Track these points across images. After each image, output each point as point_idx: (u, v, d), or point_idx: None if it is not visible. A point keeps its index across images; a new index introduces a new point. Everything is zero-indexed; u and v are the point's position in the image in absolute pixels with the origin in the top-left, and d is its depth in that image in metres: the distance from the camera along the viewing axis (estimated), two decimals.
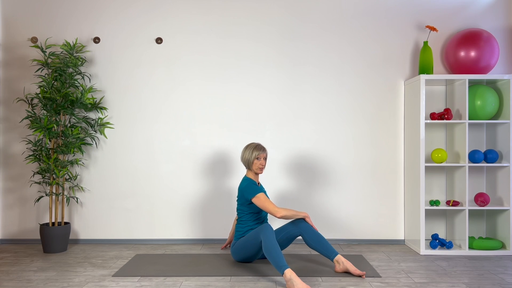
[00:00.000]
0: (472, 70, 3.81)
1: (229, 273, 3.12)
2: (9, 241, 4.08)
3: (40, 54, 4.07)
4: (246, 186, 3.30)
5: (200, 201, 4.07)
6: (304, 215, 3.25)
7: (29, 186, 4.07)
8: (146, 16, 4.08)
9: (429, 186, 4.04)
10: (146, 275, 3.08)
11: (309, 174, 4.06)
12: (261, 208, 3.25)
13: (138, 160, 4.07)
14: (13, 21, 4.08)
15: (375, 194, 4.06)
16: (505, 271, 3.20)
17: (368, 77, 4.07)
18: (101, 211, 4.08)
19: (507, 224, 3.71)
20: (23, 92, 4.07)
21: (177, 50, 4.07)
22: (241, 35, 4.07)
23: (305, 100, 4.06)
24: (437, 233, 3.95)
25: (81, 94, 3.78)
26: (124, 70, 4.08)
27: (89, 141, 4.06)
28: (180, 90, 4.07)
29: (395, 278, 3.05)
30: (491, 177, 3.94)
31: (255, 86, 4.07)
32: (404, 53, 4.07)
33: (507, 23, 4.05)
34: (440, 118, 3.81)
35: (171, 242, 4.07)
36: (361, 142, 4.06)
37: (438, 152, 3.73)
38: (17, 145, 4.08)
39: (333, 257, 3.13)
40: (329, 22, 4.07)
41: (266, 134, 4.07)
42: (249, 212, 3.35)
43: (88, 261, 3.48)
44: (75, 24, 4.08)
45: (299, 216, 3.24)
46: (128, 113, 4.08)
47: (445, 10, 4.06)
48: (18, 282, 2.96)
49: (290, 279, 2.75)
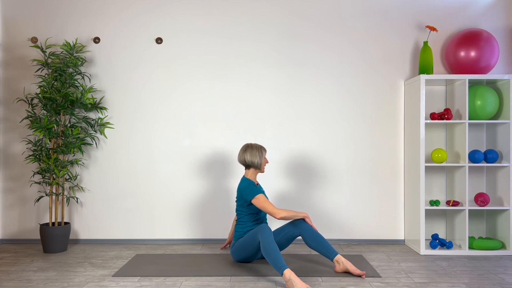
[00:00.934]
0: (472, 70, 3.81)
1: (229, 273, 3.12)
2: (9, 241, 4.09)
3: (40, 54, 4.07)
4: (246, 187, 3.30)
5: (200, 201, 4.07)
6: (303, 215, 3.25)
7: (29, 186, 4.07)
8: (146, 16, 4.08)
9: (429, 186, 4.04)
10: (146, 275, 3.08)
11: (309, 174, 4.06)
12: (260, 209, 3.25)
13: (138, 160, 4.07)
14: (13, 21, 4.08)
15: (375, 194, 4.06)
16: (505, 271, 3.20)
17: (368, 77, 4.07)
18: (101, 211, 4.08)
19: (507, 224, 3.71)
20: (23, 92, 4.07)
21: (177, 50, 4.07)
22: (241, 35, 4.07)
23: (305, 100, 4.06)
24: (437, 233, 3.95)
25: (81, 94, 3.78)
26: (124, 70, 4.08)
27: (89, 141, 4.06)
28: (180, 90, 4.07)
29: (395, 278, 3.05)
30: (491, 177, 3.94)
31: (255, 86, 4.07)
32: (404, 53, 4.07)
33: (507, 23, 4.05)
34: (440, 118, 3.81)
35: (171, 242, 4.07)
36: (361, 142, 4.06)
37: (438, 152, 3.73)
38: (17, 145, 4.08)
39: (333, 257, 3.13)
40: (329, 22, 4.07)
41: (266, 134, 4.07)
42: (248, 213, 3.35)
43: (88, 261, 3.48)
44: (75, 24, 4.08)
45: (298, 217, 3.24)
46: (128, 113, 4.08)
47: (445, 10, 4.06)
48: (18, 282, 2.96)
49: (289, 279, 2.75)
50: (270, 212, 3.17)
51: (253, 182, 3.35)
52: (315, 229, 3.23)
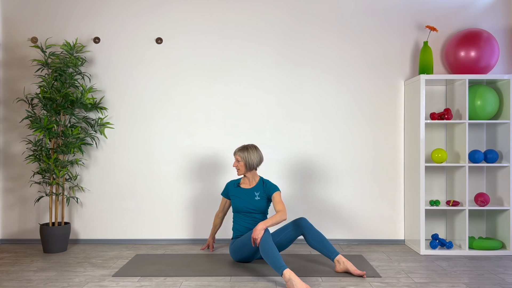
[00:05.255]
0: (472, 70, 3.81)
1: (229, 273, 3.12)
2: (9, 241, 4.08)
3: (40, 54, 4.07)
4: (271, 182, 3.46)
5: (200, 201, 4.07)
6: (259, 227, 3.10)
7: (29, 186, 4.07)
8: (146, 16, 4.08)
9: (429, 186, 4.04)
10: (146, 275, 3.08)
11: (309, 174, 4.06)
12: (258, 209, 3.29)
13: (138, 160, 4.07)
14: (13, 21, 4.08)
15: (375, 194, 4.06)
16: (505, 271, 3.20)
17: (368, 77, 4.07)
18: (101, 211, 4.08)
19: (507, 224, 3.71)
20: (23, 92, 4.07)
21: (177, 50, 4.07)
22: (241, 35, 4.07)
23: (305, 100, 4.06)
24: (437, 233, 3.94)
25: (81, 94, 3.78)
26: (124, 70, 4.08)
27: (89, 141, 4.06)
28: (180, 90, 4.07)
29: (395, 278, 3.05)
30: (491, 177, 3.94)
31: (255, 86, 4.07)
32: (404, 53, 4.07)
33: (507, 23, 4.05)
34: (440, 118, 3.81)
35: (171, 242, 4.07)
36: (361, 142, 4.06)
37: (438, 152, 3.73)
38: (17, 145, 4.08)
39: (334, 257, 3.13)
40: (329, 22, 4.07)
41: (266, 134, 4.07)
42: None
43: (88, 261, 3.48)
44: (75, 24, 4.08)
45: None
46: (128, 113, 4.08)
47: (445, 10, 4.06)
48: (18, 282, 2.96)
49: (289, 279, 2.75)
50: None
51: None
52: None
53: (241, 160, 3.41)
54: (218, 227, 3.78)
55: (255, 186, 3.45)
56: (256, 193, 3.42)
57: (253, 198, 3.40)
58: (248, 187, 3.47)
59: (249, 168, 3.42)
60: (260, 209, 3.39)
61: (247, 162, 3.40)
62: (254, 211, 3.39)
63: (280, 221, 3.14)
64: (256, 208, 3.39)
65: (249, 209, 3.39)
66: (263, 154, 4.04)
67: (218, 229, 3.79)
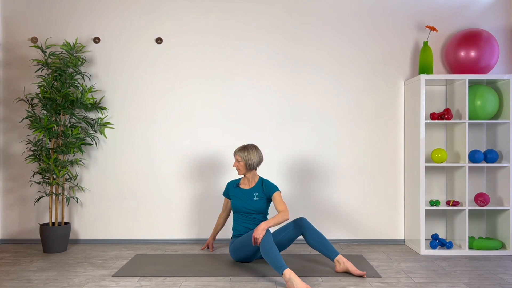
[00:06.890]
0: (472, 70, 3.81)
1: (229, 273, 3.12)
2: (9, 241, 4.08)
3: (40, 54, 4.07)
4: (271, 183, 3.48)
5: (200, 201, 4.07)
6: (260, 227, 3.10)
7: (29, 186, 4.07)
8: (147, 16, 4.08)
9: (429, 186, 4.04)
10: (146, 275, 3.08)
11: (309, 174, 4.06)
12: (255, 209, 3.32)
13: (138, 160, 4.07)
14: (13, 21, 4.08)
15: (375, 194, 4.06)
16: (505, 271, 3.20)
17: (368, 77, 4.07)
18: (101, 211, 4.08)
19: (507, 224, 3.71)
20: (23, 92, 4.07)
21: (177, 50, 4.07)
22: (241, 35, 4.07)
23: (305, 100, 4.06)
24: (437, 233, 3.95)
25: (81, 94, 3.78)
26: (124, 70, 4.08)
27: (89, 141, 4.06)
28: (180, 90, 4.07)
29: (395, 278, 3.05)
30: (491, 177, 3.94)
31: (255, 86, 4.07)
32: (404, 53, 4.07)
33: (507, 23, 4.05)
34: (440, 118, 3.81)
35: (171, 242, 4.07)
36: (361, 142, 4.06)
37: (438, 152, 3.73)
38: (17, 145, 4.08)
39: (334, 257, 3.13)
40: (329, 23, 4.07)
41: (265, 134, 4.07)
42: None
43: (88, 261, 3.48)
44: (75, 24, 4.08)
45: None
46: (128, 113, 4.08)
47: (445, 10, 4.06)
48: (18, 282, 2.96)
49: (289, 279, 2.75)
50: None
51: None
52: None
53: (241, 160, 3.41)
54: (220, 227, 3.78)
55: (254, 186, 3.45)
56: (255, 194, 3.41)
57: (251, 199, 3.40)
58: (247, 188, 3.47)
59: (249, 168, 3.43)
60: (259, 209, 3.39)
61: (247, 162, 3.40)
62: (253, 212, 3.39)
63: (283, 221, 3.14)
64: (255, 208, 3.38)
65: (247, 209, 3.39)
66: (263, 154, 4.04)
67: (220, 229, 3.79)
